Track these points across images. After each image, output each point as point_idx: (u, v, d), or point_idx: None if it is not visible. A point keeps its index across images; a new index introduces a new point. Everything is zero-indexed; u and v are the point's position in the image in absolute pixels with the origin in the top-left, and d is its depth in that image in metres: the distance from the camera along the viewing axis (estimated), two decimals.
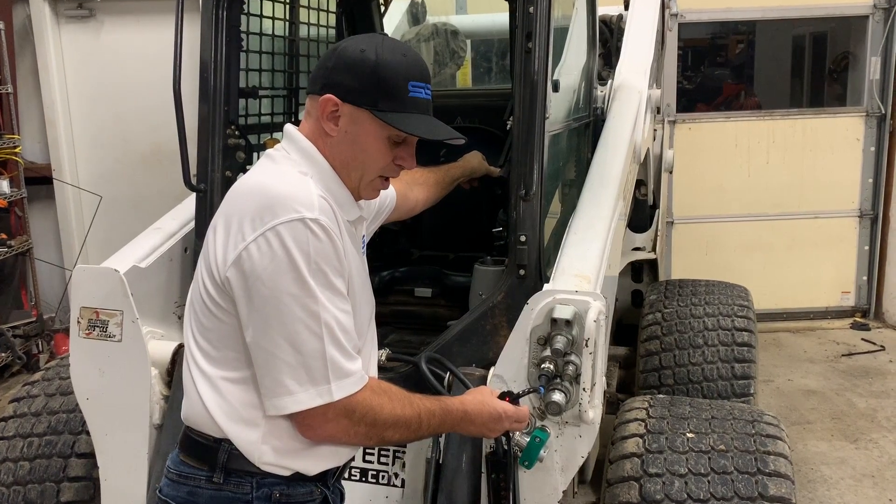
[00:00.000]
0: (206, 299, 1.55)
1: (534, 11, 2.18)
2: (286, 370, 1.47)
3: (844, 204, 6.14)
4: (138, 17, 5.79)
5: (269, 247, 1.45)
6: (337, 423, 1.51)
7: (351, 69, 1.56)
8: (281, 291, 1.45)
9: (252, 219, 1.48)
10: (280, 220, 1.46)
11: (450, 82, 4.50)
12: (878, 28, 5.87)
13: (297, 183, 1.54)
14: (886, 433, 4.30)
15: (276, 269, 1.45)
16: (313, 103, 1.62)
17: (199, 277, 1.60)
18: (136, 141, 5.91)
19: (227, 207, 1.57)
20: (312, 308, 1.46)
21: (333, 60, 1.59)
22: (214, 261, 1.52)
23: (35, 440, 2.59)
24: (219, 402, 1.55)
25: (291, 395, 1.48)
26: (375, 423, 1.54)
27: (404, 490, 2.27)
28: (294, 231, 1.45)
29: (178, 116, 2.35)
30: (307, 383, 1.47)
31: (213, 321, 1.55)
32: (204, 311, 1.56)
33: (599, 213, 2.51)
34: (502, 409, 1.74)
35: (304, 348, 1.46)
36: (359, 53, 1.57)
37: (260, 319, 1.47)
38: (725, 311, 3.45)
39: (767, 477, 2.16)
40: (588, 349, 1.96)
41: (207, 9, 2.47)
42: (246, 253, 1.47)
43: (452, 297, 3.00)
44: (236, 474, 1.56)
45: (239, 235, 1.48)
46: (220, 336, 1.55)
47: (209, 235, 1.57)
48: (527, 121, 2.21)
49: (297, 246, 1.45)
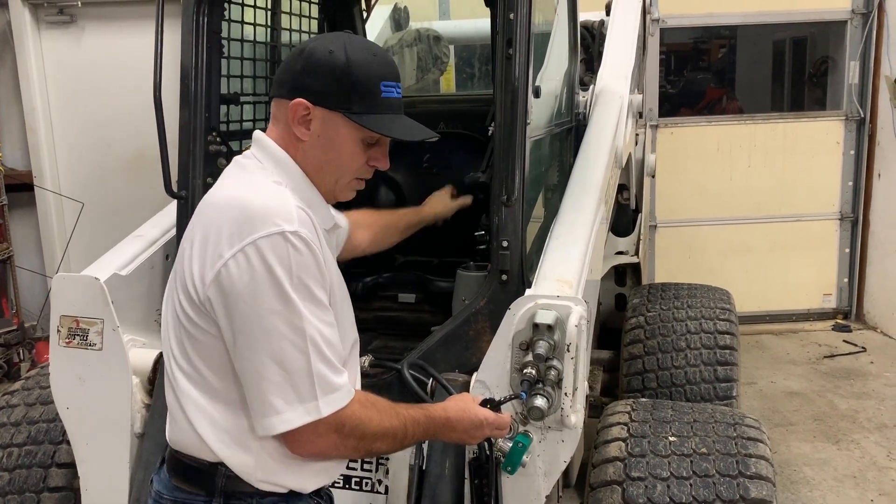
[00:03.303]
0: (185, 321, 1.49)
1: (514, 18, 2.19)
2: (273, 389, 1.42)
3: (825, 207, 6.20)
4: (120, 23, 5.76)
5: (248, 263, 1.40)
6: (327, 439, 1.47)
7: (321, 72, 1.52)
8: (263, 308, 1.40)
9: (230, 234, 1.43)
10: (259, 234, 1.41)
11: (433, 88, 4.51)
12: (857, 33, 5.94)
13: (275, 194, 1.49)
14: (868, 434, 4.33)
15: (257, 285, 1.40)
16: (281, 108, 1.57)
17: (174, 296, 1.53)
18: (118, 147, 5.87)
19: (201, 221, 1.51)
20: (296, 324, 1.42)
21: (301, 63, 1.53)
22: (191, 280, 1.46)
23: (15, 450, 2.56)
24: (211, 428, 1.50)
25: (279, 415, 1.43)
26: (364, 437, 1.51)
27: (388, 497, 2.26)
28: (274, 245, 1.41)
29: (159, 123, 2.34)
30: (294, 401, 1.43)
31: (195, 343, 1.50)
32: (183, 332, 1.51)
33: (581, 218, 2.52)
34: (483, 417, 1.74)
35: (290, 366, 1.42)
36: (328, 55, 1.52)
37: (243, 338, 1.43)
38: (707, 315, 3.48)
39: (749, 479, 2.17)
40: (570, 354, 1.97)
41: (188, 14, 2.47)
42: (225, 270, 1.42)
43: (436, 303, 2.99)
44: (236, 497, 1.52)
45: (216, 252, 1.43)
46: (206, 358, 1.49)
47: (184, 251, 1.51)
48: (508, 127, 2.21)
49: (278, 260, 1.40)
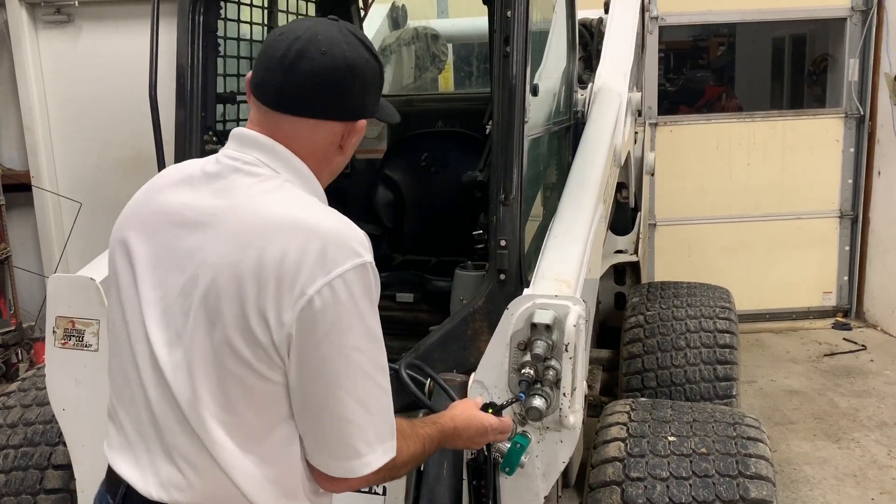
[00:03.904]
0: (235, 365, 1.30)
1: (511, 16, 2.18)
2: (355, 432, 1.32)
3: (825, 205, 6.19)
4: (117, 22, 5.74)
5: (334, 298, 1.27)
6: (366, 479, 1.38)
7: (374, 87, 1.45)
8: (350, 347, 1.29)
9: (311, 264, 1.27)
10: (346, 266, 1.28)
11: (431, 86, 4.50)
12: (856, 30, 5.92)
13: (339, 217, 1.36)
14: (868, 432, 4.32)
15: (343, 322, 1.28)
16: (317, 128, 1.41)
17: (210, 331, 1.31)
18: (116, 147, 5.85)
19: (256, 249, 1.29)
20: (379, 361, 1.34)
21: (357, 83, 1.40)
22: (258, 318, 1.27)
23: (11, 452, 2.55)
24: (258, 481, 1.34)
25: (361, 458, 1.34)
26: (395, 468, 1.42)
27: (386, 498, 2.25)
28: (360, 277, 1.30)
29: (155, 122, 2.33)
30: (375, 442, 1.35)
31: (246, 390, 1.31)
32: (230, 378, 1.31)
33: (579, 217, 2.51)
34: (488, 423, 1.74)
35: (374, 406, 1.33)
36: (369, 65, 1.42)
37: (322, 380, 1.29)
38: (707, 314, 3.46)
39: (748, 479, 2.16)
40: (568, 354, 1.96)
41: (184, 13, 2.46)
42: (308, 307, 1.26)
43: (434, 302, 2.98)
44: None
45: (297, 286, 1.26)
46: (257, 408, 1.32)
47: (230, 281, 1.29)
48: (505, 125, 2.20)
49: (364, 294, 1.30)
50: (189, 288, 1.33)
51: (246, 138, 1.42)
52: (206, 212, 1.37)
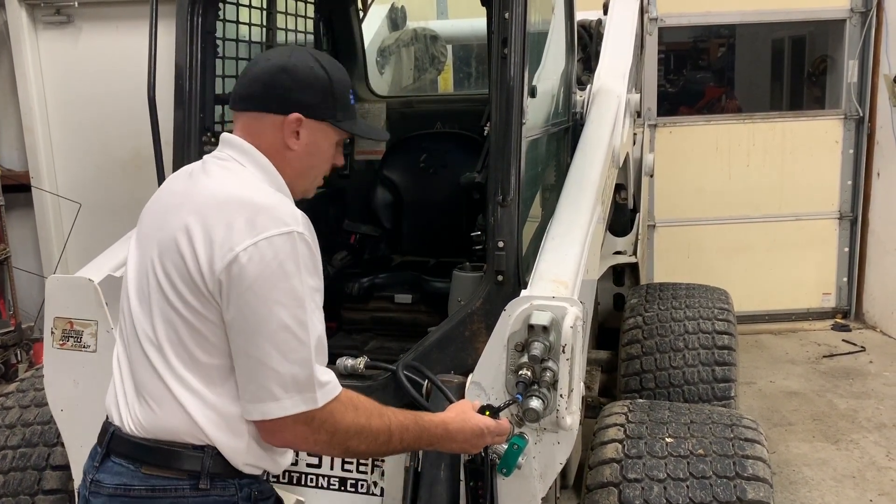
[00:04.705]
0: (182, 308, 1.54)
1: (509, 17, 2.18)
2: (273, 376, 1.49)
3: (824, 206, 6.19)
4: (117, 23, 5.74)
5: (261, 256, 1.48)
6: (294, 430, 1.54)
7: (310, 87, 1.64)
8: (271, 300, 1.48)
9: (242, 228, 1.50)
10: (273, 231, 1.49)
11: (430, 87, 4.50)
12: (856, 32, 5.92)
13: (277, 197, 1.59)
14: (867, 434, 4.32)
15: (267, 278, 1.48)
16: (264, 121, 1.64)
17: (163, 283, 1.56)
18: (116, 147, 5.85)
19: (198, 214, 1.55)
20: (301, 318, 1.50)
21: (289, 79, 1.64)
22: (196, 269, 1.51)
23: (9, 453, 2.56)
24: (205, 412, 1.56)
25: (277, 401, 1.50)
26: (336, 433, 1.56)
27: (383, 499, 2.25)
28: (286, 243, 1.50)
29: (153, 123, 2.33)
30: (293, 390, 1.50)
31: (191, 330, 1.54)
32: (178, 319, 1.55)
33: (577, 219, 2.51)
34: (484, 425, 1.76)
35: (293, 356, 1.49)
36: (311, 70, 1.65)
37: (248, 327, 1.49)
38: (706, 315, 3.47)
39: (746, 481, 2.16)
40: (565, 355, 1.96)
41: (182, 14, 2.46)
42: (236, 262, 1.48)
43: (432, 304, 2.99)
44: (220, 478, 1.59)
45: (227, 244, 1.49)
46: (203, 345, 1.55)
47: (179, 241, 1.54)
48: (503, 126, 2.20)
49: (289, 258, 1.49)
50: (155, 250, 1.60)
51: (224, 140, 1.69)
52: (179, 194, 1.65)
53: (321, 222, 3.36)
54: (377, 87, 3.96)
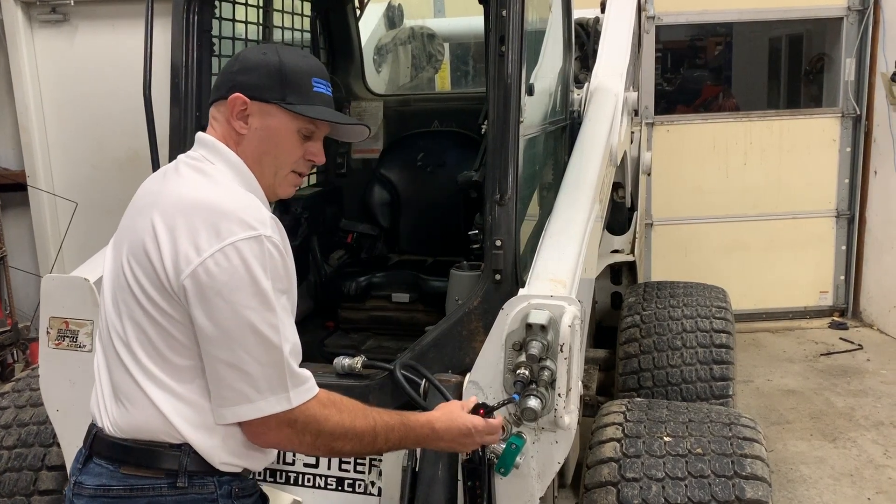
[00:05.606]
0: (150, 308, 1.54)
1: (506, 15, 2.17)
2: (246, 378, 1.50)
3: (821, 204, 6.20)
4: (113, 22, 5.72)
5: (228, 262, 1.47)
6: (279, 432, 1.55)
7: (256, 69, 1.63)
8: (241, 305, 1.48)
9: (208, 234, 1.49)
10: (239, 236, 1.49)
11: (427, 86, 4.50)
12: (853, 30, 5.92)
13: (247, 200, 1.57)
14: (864, 432, 4.33)
15: (235, 283, 1.47)
16: (219, 109, 1.66)
17: (131, 282, 1.56)
18: (112, 146, 5.84)
19: (164, 217, 1.54)
20: (271, 321, 1.51)
21: (237, 65, 1.65)
22: (162, 271, 1.51)
23: (4, 453, 2.55)
24: (179, 410, 1.55)
25: (251, 403, 1.51)
26: (321, 433, 1.57)
27: (381, 499, 2.24)
28: (253, 248, 1.49)
29: (149, 122, 2.32)
30: (266, 391, 1.51)
31: (160, 330, 1.54)
32: (146, 319, 1.55)
33: (574, 217, 2.50)
34: (472, 424, 1.74)
35: (265, 359, 1.50)
36: (261, 55, 1.65)
37: (219, 332, 1.49)
38: (703, 313, 3.46)
39: (744, 480, 2.15)
40: (563, 354, 1.95)
41: (178, 13, 2.45)
42: (203, 267, 1.47)
43: (430, 302, 2.98)
44: (198, 476, 1.58)
45: (193, 249, 1.49)
46: (172, 344, 1.54)
47: (146, 243, 1.54)
48: (501, 125, 2.19)
49: (256, 262, 1.49)
50: (126, 251, 1.60)
51: (197, 139, 1.69)
52: (152, 194, 1.64)
53: (318, 221, 3.37)
54: (374, 85, 3.96)
